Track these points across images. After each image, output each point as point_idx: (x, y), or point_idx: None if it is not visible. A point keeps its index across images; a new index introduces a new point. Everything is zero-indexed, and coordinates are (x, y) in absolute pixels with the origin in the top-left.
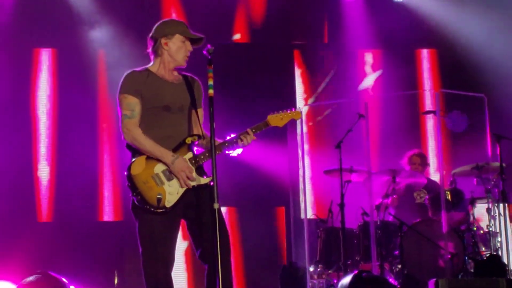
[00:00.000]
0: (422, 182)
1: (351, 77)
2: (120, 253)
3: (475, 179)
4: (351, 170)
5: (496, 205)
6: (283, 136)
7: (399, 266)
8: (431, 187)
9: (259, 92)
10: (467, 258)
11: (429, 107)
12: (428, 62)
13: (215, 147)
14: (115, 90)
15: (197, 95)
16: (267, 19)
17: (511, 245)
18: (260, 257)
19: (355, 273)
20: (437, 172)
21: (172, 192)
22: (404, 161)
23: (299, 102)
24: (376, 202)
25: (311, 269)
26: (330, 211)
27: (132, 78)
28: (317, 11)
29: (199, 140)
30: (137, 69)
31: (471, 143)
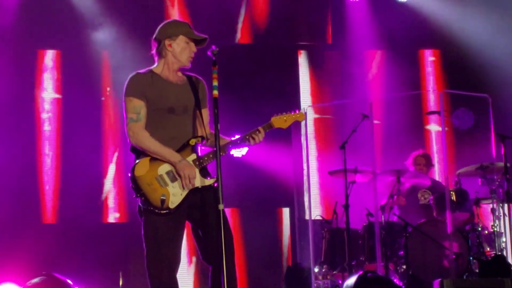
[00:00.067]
0: (426, 182)
1: (355, 77)
2: (124, 255)
3: (479, 180)
4: (355, 170)
5: (500, 205)
6: (288, 137)
7: (404, 266)
8: (436, 188)
9: (263, 93)
10: (471, 258)
11: (432, 108)
12: (431, 62)
13: (220, 148)
14: (119, 91)
15: (202, 96)
16: (271, 20)
17: None
18: (264, 258)
19: (360, 273)
20: (442, 172)
21: (176, 193)
22: (408, 162)
23: (303, 103)
24: (380, 202)
25: (316, 270)
26: (334, 211)
27: (137, 80)
28: (321, 12)
29: (204, 141)
30: (141, 71)
31: (475, 143)
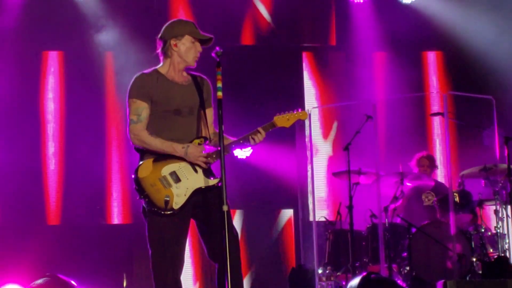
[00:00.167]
0: (430, 184)
1: (359, 79)
2: (128, 256)
3: (483, 181)
4: (359, 172)
5: (504, 206)
6: (292, 138)
7: (408, 268)
8: (439, 189)
9: (267, 94)
10: (475, 259)
11: (436, 109)
12: (435, 64)
13: (224, 148)
14: (122, 92)
15: (206, 95)
16: (275, 22)
17: None
18: (268, 260)
19: (363, 275)
20: (445, 174)
21: (179, 194)
22: (412, 163)
23: (307, 104)
24: (384, 204)
25: (320, 271)
26: (338, 213)
27: (141, 81)
28: (325, 13)
29: (207, 141)
30: (146, 72)
31: (479, 144)
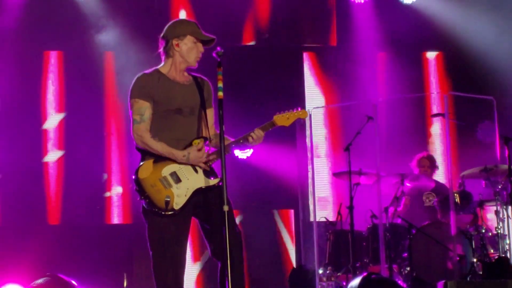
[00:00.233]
0: (430, 184)
1: (360, 79)
2: (129, 256)
3: (483, 182)
4: (360, 172)
5: (504, 207)
6: (292, 138)
7: (408, 268)
8: (440, 190)
9: (268, 94)
10: (475, 260)
11: (437, 110)
12: (435, 64)
13: (224, 148)
14: (123, 92)
15: (207, 96)
16: (276, 22)
17: None
18: (269, 260)
19: (364, 275)
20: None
21: (180, 194)
22: (413, 164)
23: (308, 104)
24: (385, 204)
25: (320, 272)
26: (339, 213)
27: (142, 81)
28: (326, 13)
29: (207, 141)
30: (147, 72)
31: (479, 145)
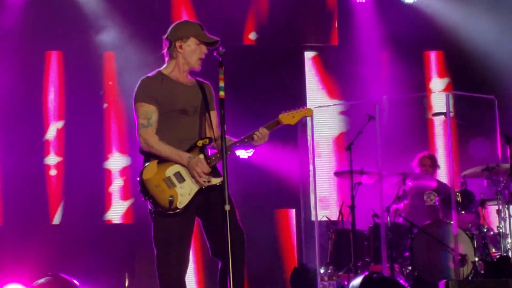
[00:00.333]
0: (432, 184)
1: (361, 78)
2: (130, 255)
3: (485, 181)
4: (361, 172)
5: (506, 206)
6: (294, 138)
7: (409, 267)
8: (441, 189)
9: (270, 94)
10: (477, 259)
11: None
12: (436, 63)
13: (227, 148)
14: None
15: (210, 98)
16: (277, 22)
17: None
18: (270, 259)
19: (365, 274)
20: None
21: (183, 193)
22: (414, 163)
23: (310, 104)
24: (386, 203)
25: (322, 271)
26: (341, 213)
27: (147, 85)
28: (327, 13)
29: (211, 142)
30: (150, 75)
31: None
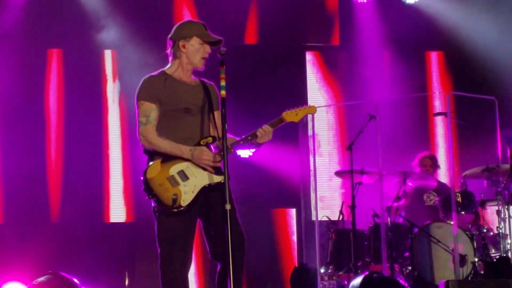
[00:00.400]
0: (432, 184)
1: (362, 78)
2: (131, 254)
3: (485, 181)
4: (362, 171)
5: (506, 207)
6: (295, 137)
7: (410, 267)
8: (442, 189)
9: (271, 94)
10: (477, 260)
11: (439, 109)
12: (437, 64)
13: (228, 147)
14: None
15: (214, 98)
16: (278, 22)
17: None
18: (270, 259)
19: (365, 274)
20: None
21: (187, 191)
22: (415, 163)
23: (311, 103)
24: (387, 203)
25: (322, 271)
26: (341, 212)
27: (149, 84)
28: (329, 13)
29: (215, 141)
30: (154, 74)
31: (481, 145)
